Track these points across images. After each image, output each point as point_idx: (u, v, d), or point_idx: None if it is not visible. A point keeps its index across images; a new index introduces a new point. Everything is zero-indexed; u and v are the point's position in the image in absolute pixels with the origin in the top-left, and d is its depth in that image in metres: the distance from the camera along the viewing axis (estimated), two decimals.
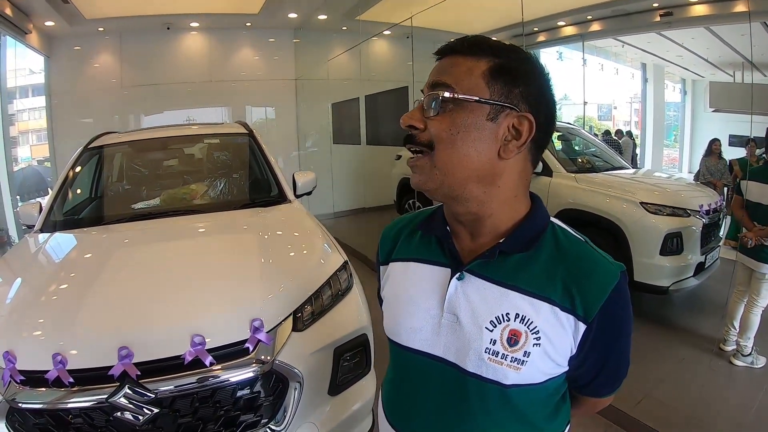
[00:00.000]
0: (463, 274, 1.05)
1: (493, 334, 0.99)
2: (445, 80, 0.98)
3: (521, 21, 6.73)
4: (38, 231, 3.43)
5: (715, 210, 4.97)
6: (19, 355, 2.02)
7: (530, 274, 1.01)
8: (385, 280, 1.24)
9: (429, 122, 0.99)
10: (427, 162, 1.00)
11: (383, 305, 1.23)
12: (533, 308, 0.99)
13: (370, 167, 10.15)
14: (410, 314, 1.11)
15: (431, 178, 1.00)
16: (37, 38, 9.01)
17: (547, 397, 1.08)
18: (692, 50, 10.06)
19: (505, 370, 0.99)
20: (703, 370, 4.02)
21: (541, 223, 1.06)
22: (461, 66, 0.99)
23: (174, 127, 5.20)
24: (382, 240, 1.30)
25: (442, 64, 1.02)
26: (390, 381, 1.24)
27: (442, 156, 0.98)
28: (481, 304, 1.02)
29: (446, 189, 1.01)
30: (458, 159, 0.98)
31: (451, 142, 0.97)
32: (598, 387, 1.13)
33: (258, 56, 11.00)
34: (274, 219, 3.45)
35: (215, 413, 2.09)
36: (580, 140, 6.92)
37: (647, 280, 4.76)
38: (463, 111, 0.97)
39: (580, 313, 0.98)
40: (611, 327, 1.01)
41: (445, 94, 0.97)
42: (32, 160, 11.97)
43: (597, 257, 1.03)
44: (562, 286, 0.99)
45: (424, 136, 1.00)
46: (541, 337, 0.98)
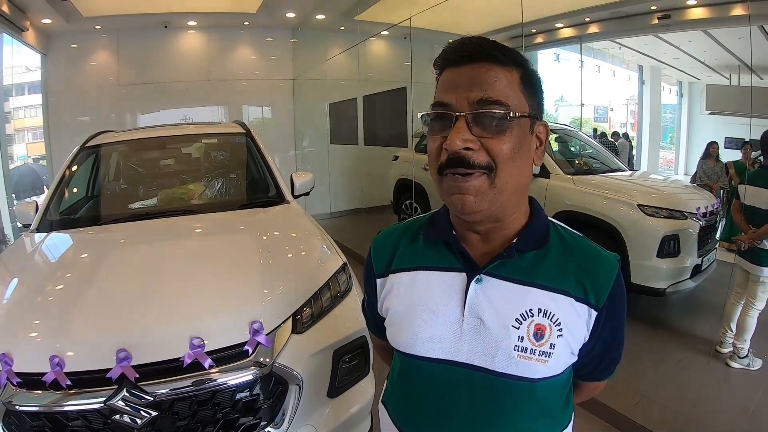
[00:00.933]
0: (481, 277, 1.06)
1: (520, 331, 1.02)
2: (497, 97, 0.95)
3: (521, 22, 6.74)
4: (34, 230, 3.40)
5: (711, 212, 4.99)
6: (16, 357, 2.01)
7: (546, 270, 1.05)
8: (387, 292, 1.20)
9: (485, 141, 0.96)
10: (486, 182, 0.97)
11: (388, 319, 1.20)
12: (554, 302, 1.03)
13: (367, 168, 10.13)
14: (427, 324, 1.09)
15: (487, 199, 0.98)
16: (34, 36, 8.99)
17: (562, 387, 1.12)
18: (689, 53, 10.10)
19: (534, 365, 1.01)
20: (700, 372, 4.04)
21: (545, 221, 1.10)
22: (502, 78, 0.97)
23: (172, 127, 5.19)
24: (376, 251, 1.26)
25: (477, 73, 0.98)
26: (403, 398, 1.20)
27: (504, 176, 0.97)
28: (504, 304, 1.04)
29: (495, 208, 1.01)
30: (516, 176, 0.99)
31: (512, 160, 0.97)
32: (603, 370, 1.19)
33: (255, 55, 11.00)
34: (273, 220, 3.44)
35: (214, 416, 2.08)
36: (577, 142, 6.93)
37: (644, 282, 4.78)
38: (518, 127, 0.97)
39: (592, 301, 1.04)
40: (616, 311, 1.08)
41: (510, 113, 0.95)
42: (28, 158, 11.94)
43: (598, 250, 1.11)
44: (575, 278, 1.05)
45: (481, 158, 0.96)
46: (562, 329, 1.03)
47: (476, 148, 0.95)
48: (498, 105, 0.95)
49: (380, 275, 1.23)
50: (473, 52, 0.98)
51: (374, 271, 1.25)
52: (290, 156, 11.34)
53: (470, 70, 0.98)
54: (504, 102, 0.95)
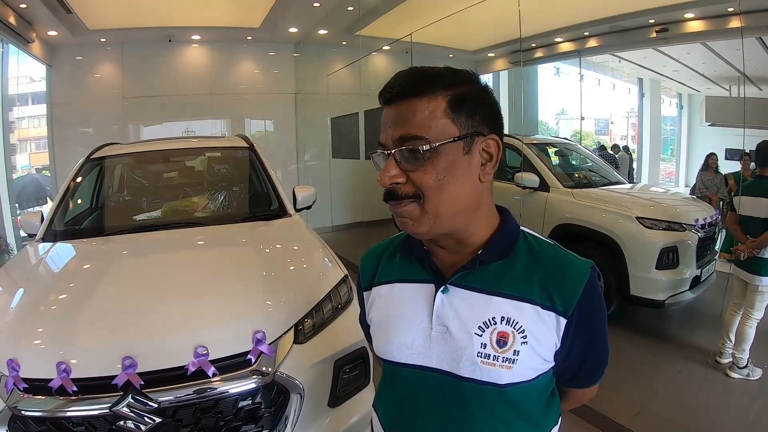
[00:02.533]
0: (447, 288, 1.10)
1: (483, 338, 1.05)
2: (414, 132, 1.00)
3: (519, 37, 6.80)
4: (40, 240, 3.44)
5: (710, 224, 5.02)
6: (23, 363, 2.04)
7: (510, 279, 1.08)
8: (371, 304, 1.28)
9: (412, 175, 1.02)
10: (416, 208, 1.03)
11: (372, 328, 1.27)
12: (517, 310, 1.05)
13: (368, 182, 10.13)
14: (401, 331, 1.15)
15: (423, 222, 1.04)
16: (40, 47, 9.07)
17: (539, 393, 1.14)
18: (688, 65, 10.15)
19: (498, 371, 1.04)
20: (699, 383, 4.05)
21: (514, 231, 1.14)
22: (422, 110, 1.01)
23: (176, 140, 5.22)
24: (363, 267, 1.33)
25: (399, 111, 1.03)
26: (387, 402, 1.26)
27: (434, 201, 1.02)
28: (467, 313, 1.08)
29: (437, 229, 1.05)
30: (448, 200, 1.03)
31: (439, 187, 1.01)
32: (584, 377, 1.19)
33: (258, 70, 11.08)
34: (275, 232, 3.47)
35: (217, 423, 2.11)
36: (576, 155, 6.97)
37: (643, 293, 4.81)
38: (442, 155, 1.00)
39: (560, 309, 1.05)
40: (589, 318, 1.08)
41: (423, 147, 0.99)
42: (31, 168, 11.97)
43: (569, 257, 1.11)
44: (540, 286, 1.06)
45: (407, 189, 1.03)
46: (527, 336, 1.05)
47: (403, 181, 1.02)
48: (416, 139, 1.00)
49: (366, 288, 1.30)
50: (397, 91, 1.03)
51: (362, 285, 1.32)
52: (292, 169, 11.40)
53: (394, 109, 1.04)
54: (422, 135, 0.99)
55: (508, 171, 6.20)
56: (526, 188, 5.78)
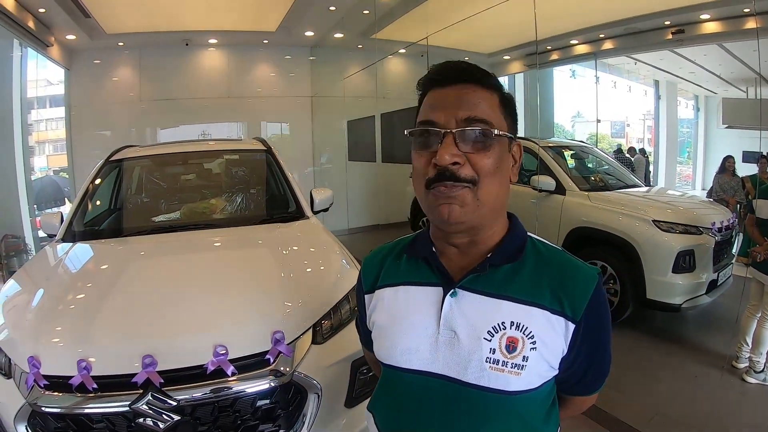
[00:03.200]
0: (456, 291, 1.09)
1: (492, 343, 1.04)
2: (481, 115, 1.02)
3: (535, 40, 6.79)
4: (59, 240, 3.48)
5: (727, 227, 4.98)
6: (44, 361, 2.07)
7: (519, 284, 1.07)
8: (373, 307, 1.25)
9: (471, 157, 1.02)
10: (469, 194, 1.02)
11: (374, 332, 1.24)
12: (526, 314, 1.05)
13: (385, 184, 10.19)
14: (406, 336, 1.13)
15: (471, 211, 1.03)
16: (58, 51, 9.19)
17: (542, 401, 1.12)
18: (705, 67, 10.07)
19: (507, 377, 1.03)
20: (715, 387, 4.01)
21: (522, 235, 1.14)
22: (485, 99, 1.05)
23: (193, 142, 5.26)
24: (365, 269, 1.31)
25: (463, 94, 1.04)
26: (386, 407, 1.23)
27: (486, 189, 1.03)
28: (477, 317, 1.07)
29: (477, 220, 1.06)
30: (497, 190, 1.05)
31: (494, 175, 1.03)
32: (588, 384, 1.19)
33: (274, 73, 11.14)
34: (293, 234, 3.49)
35: (235, 422, 2.13)
36: (593, 158, 6.94)
37: (660, 297, 4.77)
38: (499, 145, 1.04)
39: (569, 314, 1.05)
40: (596, 323, 1.08)
41: (494, 131, 1.02)
42: (49, 170, 12.09)
43: (577, 263, 1.12)
44: (550, 291, 1.06)
45: (467, 171, 1.02)
46: (536, 341, 1.04)
47: (462, 162, 1.01)
48: (483, 123, 1.02)
49: (368, 291, 1.28)
50: (459, 74, 1.06)
51: (363, 288, 1.30)
52: (308, 172, 11.42)
53: (456, 90, 1.05)
54: (488, 120, 1.02)
55: (524, 174, 6.18)
56: (542, 191, 5.76)
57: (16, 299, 2.68)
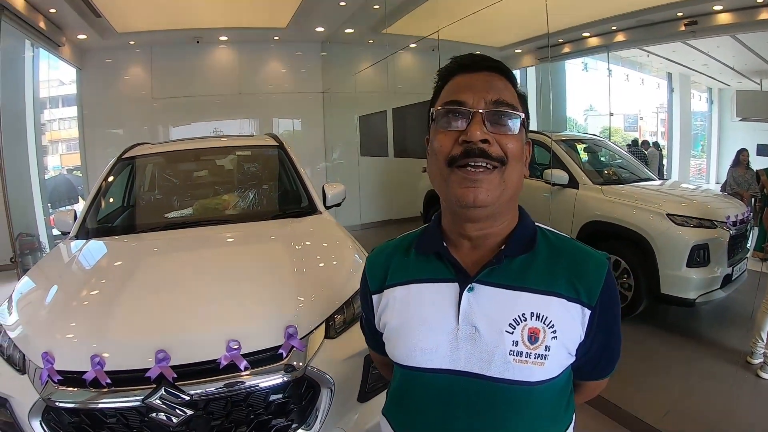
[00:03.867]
0: (473, 286, 1.08)
1: (514, 335, 1.04)
2: (508, 100, 1.04)
3: (546, 33, 6.75)
4: (73, 237, 3.50)
5: (742, 221, 4.92)
6: (58, 356, 2.08)
7: (535, 274, 1.08)
8: (383, 308, 1.22)
9: (498, 138, 1.03)
10: (497, 177, 1.03)
11: (386, 333, 1.22)
12: (545, 304, 1.05)
13: (397, 180, 10.20)
14: (423, 335, 1.11)
15: (497, 194, 1.03)
16: (70, 51, 9.26)
17: (562, 388, 1.13)
18: (718, 59, 9.99)
19: (531, 368, 1.03)
20: (729, 383, 3.97)
21: (531, 225, 1.14)
22: (507, 88, 1.07)
23: (205, 139, 5.28)
24: (370, 268, 1.29)
25: (491, 80, 1.07)
26: (403, 409, 1.22)
27: (512, 171, 1.04)
28: (496, 310, 1.06)
29: (499, 206, 1.06)
30: (518, 176, 1.06)
31: (518, 159, 1.05)
32: (602, 368, 1.20)
33: (285, 69, 11.16)
34: (305, 229, 3.49)
35: (248, 417, 2.13)
36: (606, 152, 6.89)
37: (674, 292, 4.73)
38: (521, 132, 1.05)
39: (585, 300, 1.07)
40: (609, 308, 1.10)
41: (522, 116, 1.05)
42: (62, 169, 12.18)
43: (587, 249, 1.13)
44: (565, 279, 1.07)
45: (497, 151, 1.02)
46: (556, 330, 1.05)
47: (492, 142, 1.02)
48: (511, 107, 1.04)
49: (375, 292, 1.25)
50: (487, 62, 1.08)
51: (369, 288, 1.27)
52: (320, 168, 11.44)
53: (485, 75, 1.07)
54: (514, 105, 1.05)
55: (537, 168, 6.15)
56: (555, 185, 5.72)
57: (31, 296, 2.69)
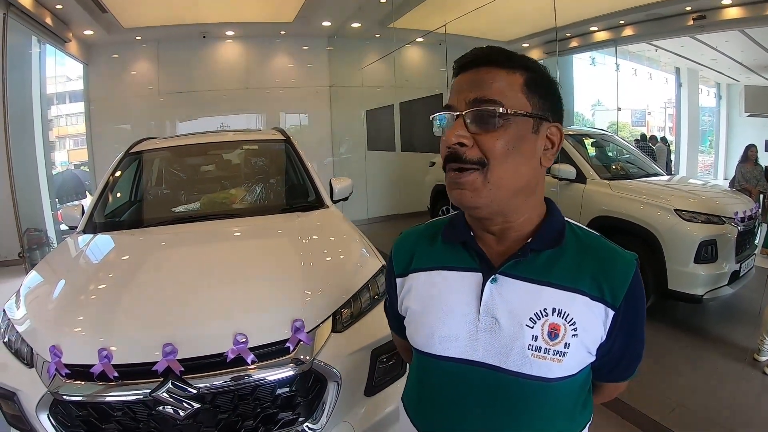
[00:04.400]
0: (496, 277, 1.07)
1: (534, 330, 1.03)
2: (491, 96, 1.00)
3: (554, 27, 6.73)
4: (80, 232, 3.51)
5: (750, 217, 4.89)
6: (65, 350, 2.10)
7: (560, 269, 1.06)
8: (406, 292, 1.22)
9: (479, 138, 1.00)
10: (479, 178, 1.00)
11: (407, 318, 1.22)
12: (568, 301, 1.04)
13: (404, 174, 10.21)
14: (444, 323, 1.11)
15: (483, 195, 1.01)
16: (77, 46, 9.29)
17: (580, 387, 1.12)
18: (727, 53, 9.92)
19: (549, 364, 1.02)
20: (736, 380, 3.95)
21: (561, 220, 1.12)
22: (501, 80, 1.02)
23: (212, 134, 5.28)
24: (396, 252, 1.28)
25: (477, 76, 1.03)
26: (419, 396, 1.23)
27: (497, 171, 1.00)
28: (518, 303, 1.05)
29: (495, 205, 1.03)
30: (511, 173, 1.01)
31: (505, 157, 1.00)
32: (622, 371, 1.18)
33: (292, 64, 11.16)
34: (313, 223, 3.49)
35: (254, 410, 2.14)
36: (613, 147, 6.86)
37: (681, 288, 4.70)
38: (513, 125, 1.00)
39: (609, 300, 1.04)
40: (633, 310, 1.07)
41: (499, 110, 0.99)
42: (69, 164, 12.23)
43: (615, 248, 1.10)
44: (590, 277, 1.05)
45: (473, 153, 1.00)
46: (577, 328, 1.03)
47: (470, 144, 1.00)
48: (491, 103, 0.99)
49: (400, 275, 1.25)
50: (477, 58, 1.04)
51: (394, 271, 1.27)
52: (327, 162, 11.44)
53: (473, 74, 1.04)
54: (497, 100, 0.99)
55: None
56: (563, 180, 5.70)
57: (38, 290, 2.70)
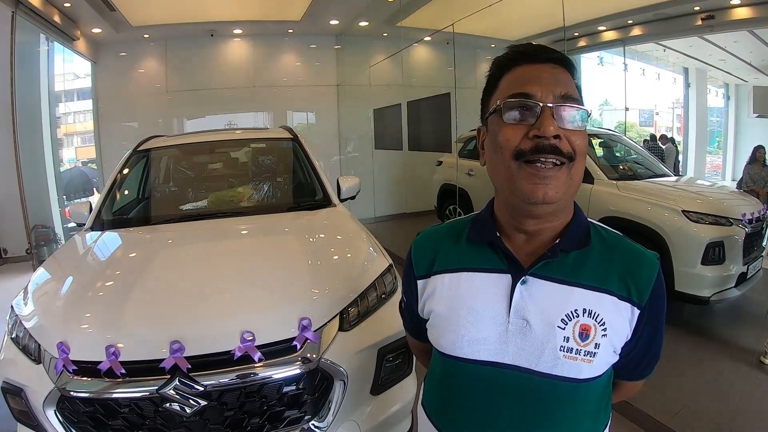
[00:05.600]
0: (526, 279, 1.06)
1: (566, 331, 1.03)
2: (573, 95, 1.01)
3: (562, 26, 6.70)
4: (88, 229, 3.53)
5: (758, 219, 4.86)
6: (73, 346, 2.11)
7: (589, 270, 1.06)
8: (429, 294, 1.19)
9: (571, 134, 1.00)
10: (566, 173, 1.00)
11: (431, 320, 1.19)
12: (597, 301, 1.04)
13: (411, 173, 10.17)
14: (472, 326, 1.09)
15: (565, 191, 1.01)
16: (85, 44, 9.32)
17: (604, 387, 1.13)
18: (735, 54, 9.88)
19: (579, 365, 1.02)
20: (742, 383, 3.92)
21: (585, 221, 1.12)
22: (570, 81, 1.03)
23: (220, 132, 5.29)
24: (417, 252, 1.25)
25: (557, 73, 1.03)
26: (444, 400, 1.21)
27: (578, 168, 1.01)
28: (549, 304, 1.05)
29: (565, 201, 1.04)
30: (581, 172, 1.03)
31: (584, 156, 1.02)
32: (642, 369, 1.18)
33: (300, 62, 11.16)
34: (320, 222, 3.49)
35: (261, 408, 2.15)
36: (621, 147, 6.84)
37: (688, 290, 4.68)
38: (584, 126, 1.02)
39: (635, 299, 1.05)
40: (657, 309, 1.08)
41: (590, 111, 1.01)
42: (77, 161, 12.27)
43: (639, 248, 1.11)
44: (618, 277, 1.05)
45: (567, 147, 0.99)
46: (607, 328, 1.04)
47: (562, 137, 0.99)
48: (574, 101, 1.00)
49: (421, 276, 1.22)
50: (550, 52, 1.04)
51: (414, 273, 1.24)
52: (335, 161, 11.45)
53: (551, 68, 1.03)
54: (578, 100, 1.02)
55: None
56: None
57: (46, 287, 2.72)
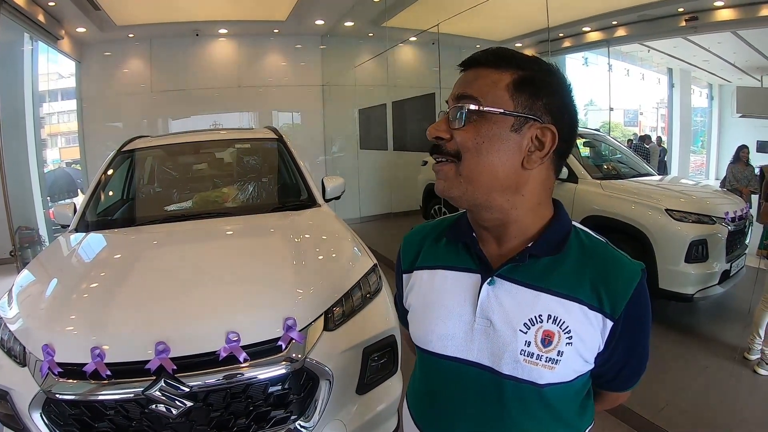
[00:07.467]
0: (494, 279, 1.07)
1: (528, 335, 1.02)
2: (470, 92, 1.01)
3: (546, 27, 6.73)
4: (73, 231, 3.51)
5: (741, 217, 4.92)
6: (58, 348, 2.10)
7: (560, 276, 1.04)
8: (410, 288, 1.24)
9: (455, 133, 1.02)
10: (452, 169, 1.03)
11: (410, 315, 1.24)
12: (564, 309, 1.02)
13: (396, 173, 10.20)
14: (441, 321, 1.12)
15: (455, 186, 1.04)
16: (69, 44, 9.25)
17: (576, 394, 1.12)
18: (719, 55, 9.95)
19: (540, 370, 1.02)
20: (726, 379, 3.97)
21: (566, 226, 1.10)
22: (486, 78, 1.02)
23: (205, 132, 5.28)
24: (404, 247, 1.30)
25: (466, 75, 1.05)
26: (420, 391, 1.25)
27: (468, 165, 1.01)
28: (514, 308, 1.05)
29: (470, 197, 1.04)
30: (483, 168, 1.01)
31: (476, 151, 1.00)
32: (623, 381, 1.17)
33: (285, 62, 11.14)
34: (305, 222, 3.49)
35: (247, 408, 2.15)
36: (605, 146, 6.88)
37: (672, 287, 4.72)
38: (488, 122, 1.00)
39: (607, 311, 1.02)
40: (635, 322, 1.06)
41: (470, 106, 1.00)
42: (61, 162, 12.16)
43: (620, 257, 1.07)
44: (590, 286, 1.03)
45: (450, 146, 1.03)
46: (572, 337, 1.02)
47: (447, 137, 1.04)
48: (469, 99, 1.01)
49: (406, 271, 1.27)
50: (476, 59, 1.06)
51: (402, 267, 1.29)
52: (320, 161, 11.45)
53: (473, 72, 1.05)
54: (476, 98, 1.01)
55: None
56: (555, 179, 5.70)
57: (31, 289, 2.70)
